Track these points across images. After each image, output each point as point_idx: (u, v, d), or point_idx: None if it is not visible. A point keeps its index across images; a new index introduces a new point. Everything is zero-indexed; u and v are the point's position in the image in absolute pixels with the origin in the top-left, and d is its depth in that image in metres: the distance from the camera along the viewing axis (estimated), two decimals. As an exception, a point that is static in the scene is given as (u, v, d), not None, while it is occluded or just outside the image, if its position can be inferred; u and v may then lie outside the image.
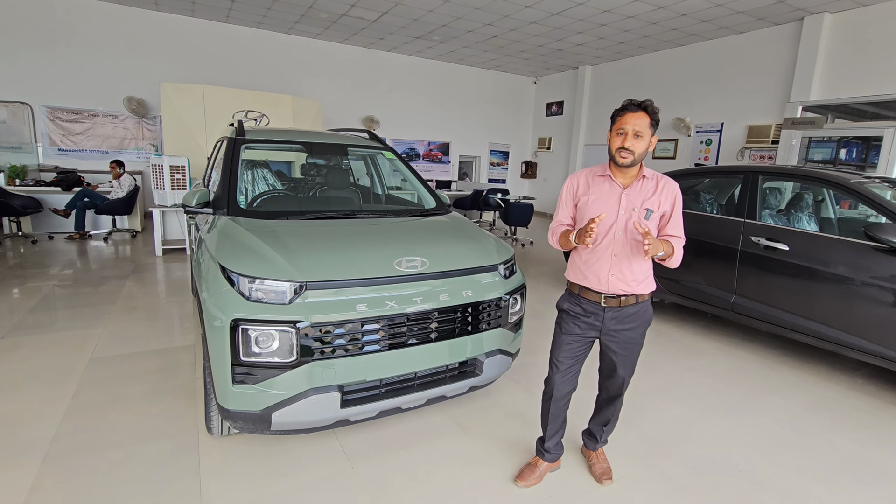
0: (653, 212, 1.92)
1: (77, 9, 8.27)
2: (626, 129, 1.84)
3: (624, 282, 1.94)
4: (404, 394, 2.25)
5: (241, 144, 3.15)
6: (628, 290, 1.95)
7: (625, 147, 1.84)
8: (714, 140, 8.79)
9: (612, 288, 1.94)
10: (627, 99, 1.87)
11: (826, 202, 4.17)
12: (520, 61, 11.35)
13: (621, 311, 1.98)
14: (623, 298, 1.96)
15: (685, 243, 2.01)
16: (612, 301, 1.96)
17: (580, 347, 2.08)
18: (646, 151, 1.87)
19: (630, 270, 1.94)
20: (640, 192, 1.93)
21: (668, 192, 1.94)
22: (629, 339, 2.02)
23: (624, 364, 2.07)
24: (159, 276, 5.58)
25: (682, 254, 1.97)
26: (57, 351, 3.36)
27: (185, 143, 7.55)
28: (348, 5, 8.03)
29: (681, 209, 1.97)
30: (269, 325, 1.96)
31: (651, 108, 1.83)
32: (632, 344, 2.04)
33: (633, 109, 1.84)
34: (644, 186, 1.94)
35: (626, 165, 1.87)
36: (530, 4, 7.52)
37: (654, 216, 1.93)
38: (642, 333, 2.05)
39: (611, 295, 1.96)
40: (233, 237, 2.35)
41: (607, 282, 1.94)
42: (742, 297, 3.83)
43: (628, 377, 2.12)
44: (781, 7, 6.95)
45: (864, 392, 3.34)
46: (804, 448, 2.62)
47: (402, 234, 2.70)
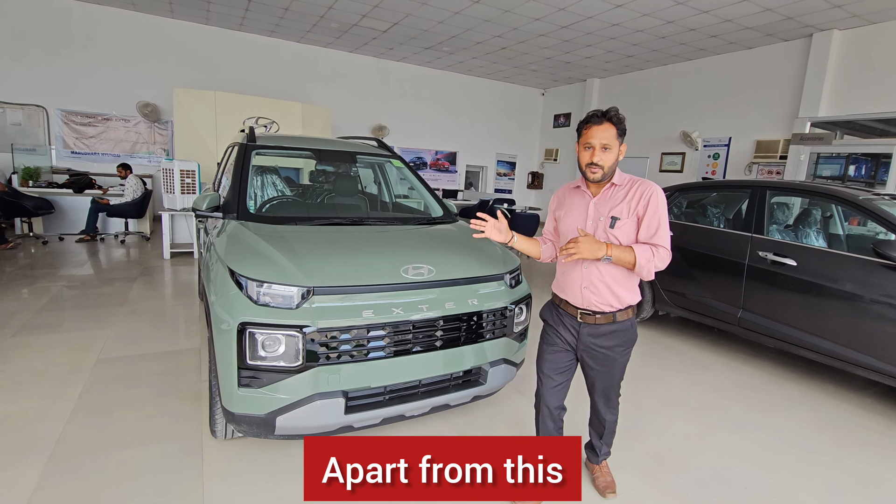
0: (619, 219, 1.82)
1: (95, 15, 8.44)
2: (592, 142, 1.78)
3: (598, 294, 1.87)
4: (408, 401, 2.25)
5: (252, 150, 3.19)
6: (603, 303, 1.88)
7: (594, 162, 1.79)
8: (721, 154, 8.79)
9: (587, 302, 1.89)
10: (592, 110, 1.82)
11: (834, 218, 4.15)
12: (528, 73, 11.44)
13: (597, 329, 1.91)
14: (599, 316, 1.89)
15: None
16: (588, 317, 1.91)
17: (563, 359, 2.02)
18: (616, 163, 1.82)
19: (603, 282, 1.86)
20: (608, 200, 1.87)
21: (640, 195, 1.82)
22: (607, 358, 1.94)
23: (602, 380, 2.00)
24: (167, 279, 5.62)
25: (663, 264, 1.81)
26: (65, 351, 3.39)
27: (195, 147, 7.65)
28: (360, 16, 8.14)
29: (659, 213, 1.81)
30: (276, 330, 1.97)
31: (616, 118, 1.77)
32: (609, 362, 1.95)
33: (597, 121, 1.77)
34: (613, 194, 1.87)
35: (597, 181, 1.83)
36: (539, 17, 7.60)
37: (624, 224, 1.83)
38: (623, 353, 1.96)
39: (587, 311, 1.90)
40: (242, 241, 2.38)
41: (581, 295, 1.90)
42: (749, 312, 3.81)
43: (612, 395, 2.04)
44: (790, 24, 6.98)
45: (872, 411, 3.29)
46: (811, 466, 2.59)
47: (409, 242, 2.72)
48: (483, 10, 7.51)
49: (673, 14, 7.01)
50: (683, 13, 6.94)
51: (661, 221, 1.80)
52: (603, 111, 1.78)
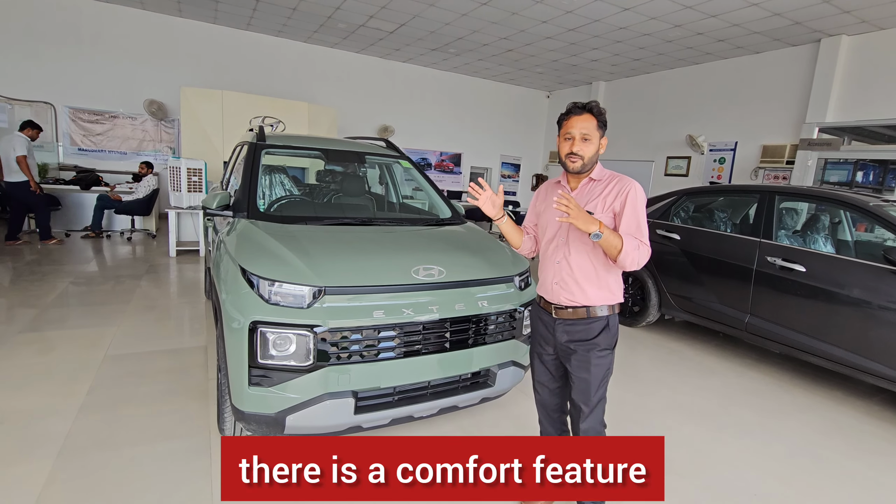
0: (592, 213, 1.73)
1: (104, 13, 8.48)
2: (572, 132, 1.75)
3: (567, 290, 1.81)
4: (417, 402, 2.25)
5: (262, 149, 3.20)
6: (573, 299, 1.80)
7: (573, 152, 1.76)
8: (727, 158, 8.77)
9: (556, 297, 1.83)
10: (572, 102, 1.80)
11: (843, 224, 4.14)
12: (534, 75, 11.43)
13: (571, 325, 1.82)
14: (571, 310, 1.81)
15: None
16: (562, 312, 1.83)
17: (550, 361, 1.94)
18: (596, 154, 1.78)
19: (573, 279, 1.80)
20: (585, 195, 1.82)
21: (617, 190, 1.76)
22: (582, 359, 1.80)
23: (577, 388, 1.82)
24: (173, 276, 5.64)
25: (644, 259, 1.73)
26: (72, 347, 3.40)
27: (202, 146, 7.67)
28: (367, 16, 8.16)
29: (637, 209, 1.74)
30: (287, 329, 1.97)
31: (597, 110, 1.75)
32: (585, 363, 1.79)
33: (578, 112, 1.75)
34: (591, 189, 1.82)
35: (576, 171, 1.79)
36: (546, 20, 7.60)
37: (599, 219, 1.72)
38: (599, 354, 1.78)
39: (559, 305, 1.83)
40: (253, 240, 2.38)
41: (552, 290, 1.85)
42: (757, 318, 3.80)
43: (585, 408, 1.80)
44: (799, 29, 6.96)
45: (880, 418, 3.28)
46: (820, 473, 2.58)
47: (418, 243, 2.72)
48: (490, 13, 7.51)
49: (681, 18, 7.00)
50: (691, 17, 6.93)
51: (640, 218, 1.75)
52: (583, 103, 1.76)
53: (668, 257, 4.43)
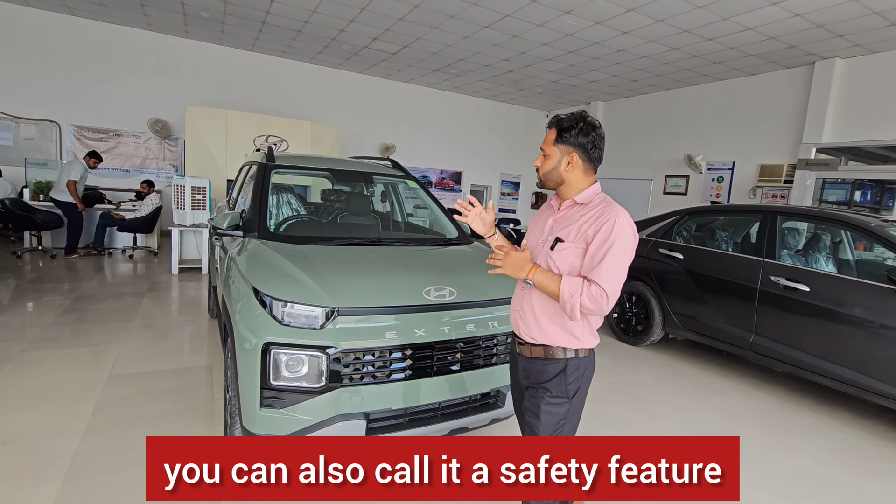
0: (562, 241, 1.58)
1: (111, 34, 8.63)
2: (541, 147, 1.68)
3: (525, 324, 1.66)
4: (428, 424, 2.23)
5: (272, 169, 3.24)
6: (531, 335, 1.64)
7: (536, 166, 1.69)
8: (726, 178, 8.87)
9: (516, 328, 1.71)
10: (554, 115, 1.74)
11: (844, 243, 4.18)
12: (533, 95, 11.62)
13: (530, 364, 1.66)
14: (532, 348, 1.64)
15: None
16: (523, 348, 1.68)
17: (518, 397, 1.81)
18: (554, 171, 1.63)
19: (531, 311, 1.64)
20: (565, 219, 1.64)
21: (595, 218, 1.54)
22: (531, 401, 1.63)
23: (529, 432, 1.65)
24: (175, 294, 5.62)
25: (594, 306, 1.46)
26: (76, 366, 3.38)
27: (206, 164, 7.73)
28: (371, 38, 8.32)
29: (608, 245, 1.48)
30: (300, 350, 1.97)
31: (562, 124, 1.61)
32: (534, 409, 1.60)
33: (548, 126, 1.67)
34: (572, 213, 1.63)
35: (542, 187, 1.71)
36: (546, 42, 7.76)
37: (566, 248, 1.57)
38: (552, 402, 1.58)
39: (520, 340, 1.69)
40: (265, 260, 2.40)
41: (512, 318, 1.74)
42: (762, 337, 3.80)
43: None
44: (793, 52, 7.12)
45: (888, 439, 3.27)
46: (830, 495, 2.56)
47: (428, 263, 2.74)
48: (492, 35, 7.67)
49: (678, 41, 7.16)
50: (688, 40, 7.09)
51: (608, 254, 1.47)
52: (557, 117, 1.64)
53: (671, 276, 4.45)
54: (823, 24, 6.10)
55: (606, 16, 6.51)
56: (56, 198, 6.87)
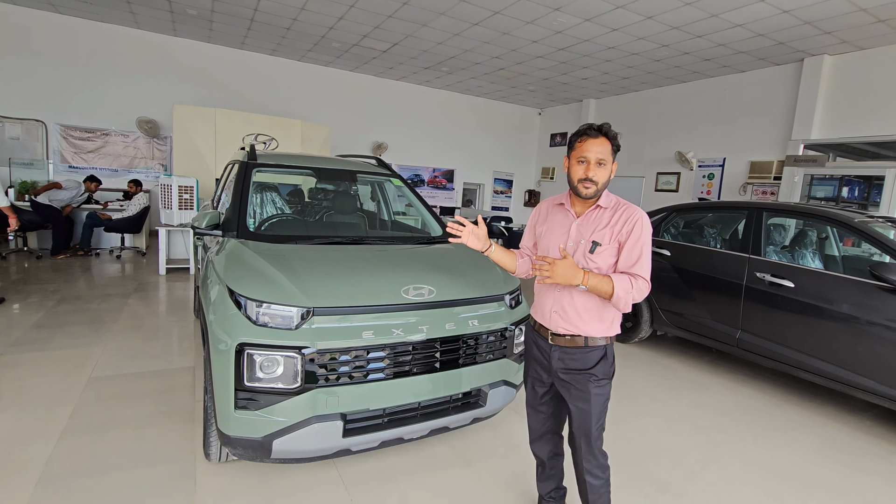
0: (600, 245, 1.70)
1: (98, 32, 8.53)
2: (588, 156, 1.66)
3: (567, 321, 1.75)
4: (407, 424, 2.21)
5: (253, 168, 3.20)
6: (572, 329, 1.75)
7: (588, 178, 1.67)
8: (716, 174, 8.89)
9: (554, 326, 1.78)
10: (586, 123, 1.73)
11: (830, 240, 4.19)
12: (525, 93, 11.60)
13: (567, 353, 1.76)
14: (568, 338, 1.75)
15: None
16: (559, 339, 1.77)
17: (543, 388, 1.90)
18: (609, 180, 1.71)
19: (574, 309, 1.74)
20: (591, 222, 1.74)
21: (624, 220, 1.70)
22: (580, 387, 1.75)
23: (577, 417, 1.77)
24: (162, 295, 5.57)
25: (641, 296, 1.68)
26: (56, 369, 3.33)
27: (194, 163, 7.67)
28: (360, 36, 8.27)
29: (642, 241, 1.69)
30: (275, 351, 1.94)
31: (611, 133, 1.68)
32: (583, 393, 1.74)
33: (593, 135, 1.66)
34: (598, 216, 1.74)
35: (589, 197, 1.71)
36: (537, 40, 7.74)
37: (605, 250, 1.70)
38: (597, 384, 1.74)
39: (556, 333, 1.78)
40: (242, 260, 2.36)
41: (549, 318, 1.79)
42: (747, 333, 3.81)
43: (586, 440, 1.76)
44: (782, 49, 7.14)
45: (872, 434, 3.27)
46: (817, 492, 2.55)
47: (409, 262, 2.71)
48: (482, 33, 7.64)
49: (667, 38, 7.16)
50: (678, 37, 7.09)
51: (643, 250, 1.69)
52: (598, 125, 1.68)
53: (659, 273, 4.44)
54: (811, 20, 6.11)
55: (596, 13, 6.50)
56: (38, 201, 6.83)
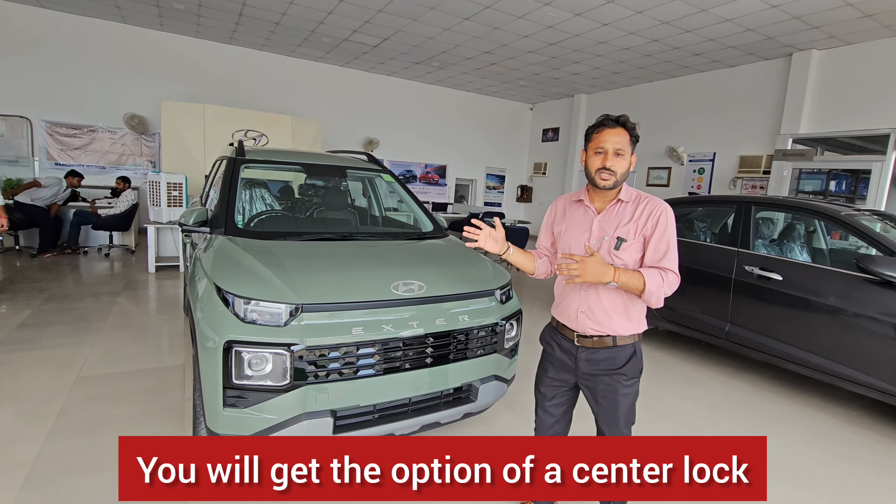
0: (625, 240, 1.67)
1: (83, 27, 8.39)
2: (605, 147, 1.64)
3: (595, 321, 1.71)
4: (398, 420, 2.21)
5: (241, 164, 3.16)
6: (601, 329, 1.71)
7: (606, 167, 1.64)
8: (707, 169, 8.95)
9: (581, 326, 1.73)
10: (603, 114, 1.70)
11: (817, 233, 4.23)
12: (517, 88, 11.59)
13: (595, 354, 1.73)
14: (596, 339, 1.72)
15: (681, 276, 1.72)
16: (586, 341, 1.74)
17: (561, 389, 1.87)
18: (628, 171, 1.68)
19: (601, 308, 1.70)
20: (614, 217, 1.71)
21: (648, 214, 1.67)
22: (608, 386, 1.73)
23: (605, 418, 1.77)
24: (151, 293, 5.52)
25: (671, 290, 1.66)
26: (43, 369, 3.29)
27: (183, 160, 7.58)
28: (350, 31, 8.21)
29: (668, 234, 1.66)
30: (264, 348, 1.93)
31: (629, 124, 1.66)
32: (611, 394, 1.73)
33: (610, 125, 1.65)
34: (620, 211, 1.71)
35: (608, 188, 1.67)
36: (528, 34, 7.72)
37: (630, 245, 1.67)
38: (626, 383, 1.73)
39: (583, 334, 1.74)
40: (229, 257, 2.34)
41: (576, 319, 1.74)
42: (736, 326, 3.84)
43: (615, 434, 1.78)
44: (771, 43, 7.18)
45: (859, 424, 3.32)
46: (803, 482, 2.59)
47: (398, 258, 2.70)
48: (473, 27, 7.62)
49: (657, 33, 7.18)
50: (668, 32, 7.11)
51: (670, 243, 1.66)
52: (615, 116, 1.66)
53: (649, 267, 4.46)
54: (799, 15, 6.15)
55: (586, 7, 6.49)
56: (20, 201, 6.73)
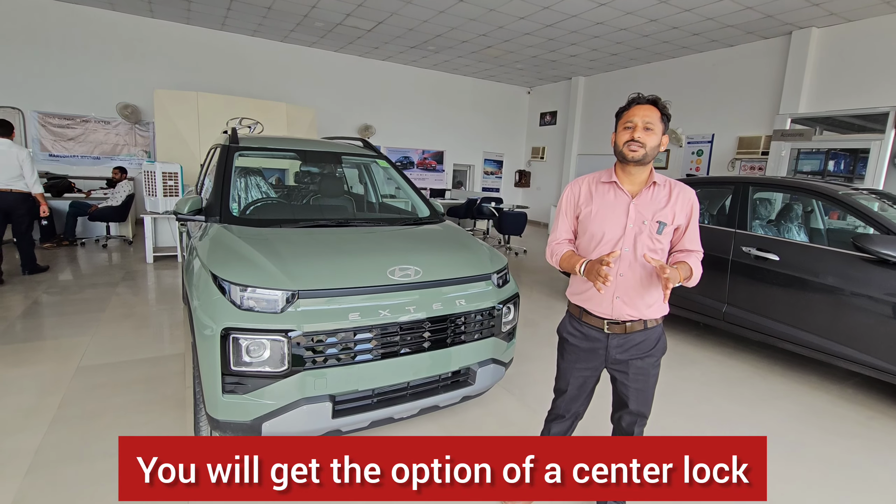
0: (666, 224, 1.67)
1: (72, 15, 8.25)
2: (634, 121, 1.61)
3: (632, 306, 1.70)
4: (397, 404, 2.23)
5: (235, 152, 3.14)
6: (636, 314, 1.71)
7: (634, 139, 1.60)
8: (705, 151, 8.90)
9: (617, 313, 1.71)
10: (634, 93, 1.70)
11: (815, 213, 4.22)
12: (514, 71, 11.45)
13: (627, 339, 1.74)
14: (629, 324, 1.72)
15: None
16: (616, 327, 1.72)
17: (587, 375, 1.88)
18: (657, 148, 1.64)
19: (639, 294, 1.68)
20: (651, 201, 1.68)
21: (683, 200, 1.69)
22: (639, 369, 1.76)
23: (636, 399, 1.80)
24: (150, 283, 5.52)
25: (702, 270, 1.72)
26: (44, 359, 3.31)
27: (178, 149, 7.52)
28: (344, 14, 8.08)
29: (696, 219, 1.73)
30: (261, 335, 1.94)
31: (661, 103, 1.64)
32: (643, 375, 1.76)
33: (641, 102, 1.63)
34: (656, 195, 1.69)
35: (636, 160, 1.62)
36: (524, 16, 7.61)
37: (668, 229, 1.68)
38: (655, 364, 1.78)
39: (614, 321, 1.72)
40: (225, 245, 2.34)
41: (611, 305, 1.71)
42: (733, 307, 3.86)
43: (643, 414, 1.83)
44: (770, 21, 7.08)
45: (853, 402, 3.36)
46: (797, 460, 2.62)
47: (395, 243, 2.70)
48: (468, 9, 7.49)
49: (656, 12, 7.07)
50: (666, 11, 7.00)
51: (697, 226, 1.75)
52: (647, 95, 1.65)
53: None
54: (799, -9, 6.05)
55: (582, -13, 6.38)
56: None
